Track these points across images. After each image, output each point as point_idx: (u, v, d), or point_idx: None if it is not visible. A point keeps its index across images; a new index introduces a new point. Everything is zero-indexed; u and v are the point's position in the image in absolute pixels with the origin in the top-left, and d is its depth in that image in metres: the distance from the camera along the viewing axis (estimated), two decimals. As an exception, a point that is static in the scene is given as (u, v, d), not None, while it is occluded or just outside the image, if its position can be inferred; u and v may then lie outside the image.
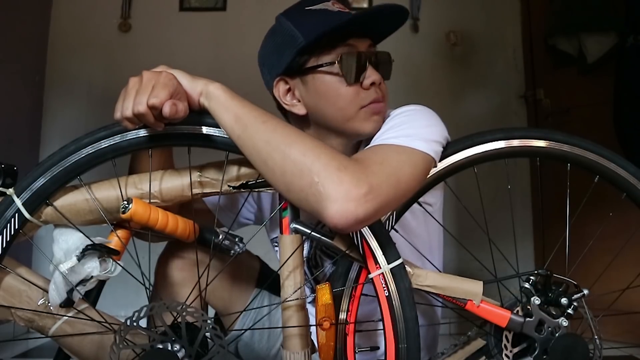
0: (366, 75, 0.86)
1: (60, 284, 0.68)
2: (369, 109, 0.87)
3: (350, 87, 0.86)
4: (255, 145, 0.66)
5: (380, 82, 0.88)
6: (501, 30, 2.65)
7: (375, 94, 0.87)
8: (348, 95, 0.86)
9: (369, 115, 0.87)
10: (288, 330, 0.70)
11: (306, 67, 0.87)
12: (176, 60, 2.50)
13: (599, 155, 0.85)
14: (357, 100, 0.87)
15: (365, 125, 0.88)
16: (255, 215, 1.13)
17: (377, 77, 0.87)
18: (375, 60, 0.88)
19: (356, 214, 0.62)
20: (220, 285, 1.01)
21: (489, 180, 2.22)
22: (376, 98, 0.87)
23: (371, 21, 0.88)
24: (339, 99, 0.87)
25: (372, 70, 0.87)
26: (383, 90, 0.90)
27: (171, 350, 0.64)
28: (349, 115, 0.87)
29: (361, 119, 0.87)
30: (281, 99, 0.92)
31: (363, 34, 0.89)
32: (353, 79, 0.86)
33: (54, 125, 2.49)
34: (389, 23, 0.90)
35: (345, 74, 0.86)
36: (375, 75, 0.87)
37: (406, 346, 0.71)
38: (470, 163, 0.83)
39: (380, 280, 0.72)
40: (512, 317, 0.77)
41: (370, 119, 0.88)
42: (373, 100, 0.87)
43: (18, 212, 0.68)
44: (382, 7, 0.86)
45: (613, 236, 1.10)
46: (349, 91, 0.86)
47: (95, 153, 0.69)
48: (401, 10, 0.87)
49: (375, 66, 0.88)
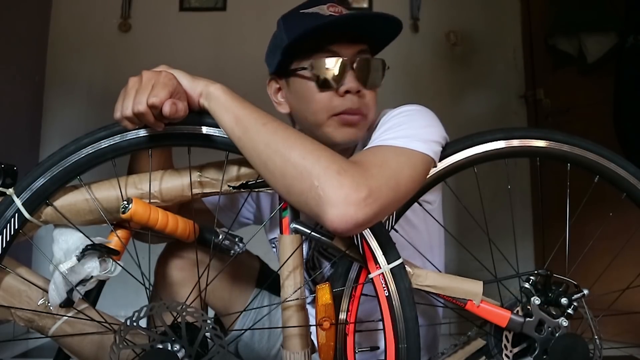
0: (344, 82, 0.85)
1: (60, 284, 0.68)
2: (339, 118, 0.86)
3: (324, 93, 0.85)
4: (256, 147, 0.66)
5: (358, 91, 0.85)
6: (501, 30, 2.65)
7: (349, 103, 0.85)
8: (320, 101, 0.86)
9: (339, 125, 0.86)
10: (288, 330, 0.70)
11: (289, 68, 0.88)
12: (176, 60, 2.49)
13: (599, 155, 0.85)
14: (328, 107, 0.85)
15: (335, 134, 0.86)
16: (254, 215, 1.13)
17: (354, 85, 0.85)
18: (359, 67, 0.85)
19: (356, 218, 0.62)
20: (220, 286, 1.01)
21: (489, 180, 2.22)
22: (349, 109, 0.85)
23: (353, 26, 0.86)
24: (312, 103, 0.87)
25: (350, 78, 0.85)
26: (365, 99, 0.87)
27: (171, 350, 0.64)
28: (319, 121, 0.87)
29: (331, 127, 0.86)
30: (272, 97, 0.96)
31: (352, 40, 0.86)
32: (325, 84, 0.85)
33: (54, 125, 2.49)
34: (377, 29, 0.87)
35: (316, 78, 0.85)
36: (352, 83, 0.85)
37: (406, 346, 0.71)
38: (470, 163, 0.83)
39: (380, 280, 0.72)
40: (512, 317, 0.77)
41: (340, 129, 0.86)
42: (345, 110, 0.85)
43: (18, 212, 0.68)
44: (364, 13, 0.86)
45: (613, 236, 1.10)
46: (321, 97, 0.85)
47: (95, 153, 0.69)
48: (387, 17, 0.85)
49: (359, 73, 0.85)
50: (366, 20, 0.86)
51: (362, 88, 0.86)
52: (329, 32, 0.85)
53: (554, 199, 2.22)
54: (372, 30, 0.87)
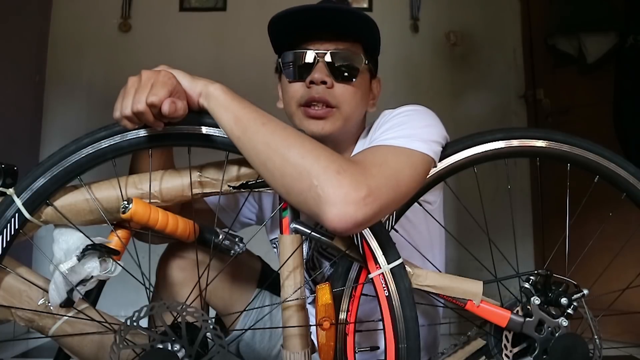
0: (312, 74, 0.88)
1: (60, 284, 0.68)
2: (304, 110, 0.90)
3: (294, 84, 0.91)
4: (255, 147, 0.66)
5: (324, 82, 0.88)
6: (501, 30, 2.65)
7: (313, 93, 0.88)
8: (290, 92, 0.92)
9: (304, 117, 0.90)
10: (288, 330, 0.70)
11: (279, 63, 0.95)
12: (176, 60, 2.50)
13: (599, 155, 0.85)
14: (296, 98, 0.91)
15: (303, 125, 0.90)
16: (256, 215, 1.13)
17: (318, 76, 0.88)
18: (331, 60, 0.88)
19: (355, 217, 0.62)
20: (221, 286, 1.01)
21: (489, 180, 2.23)
22: (311, 98, 0.88)
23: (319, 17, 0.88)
24: (285, 95, 0.94)
25: (316, 69, 0.88)
26: (335, 92, 0.89)
27: (171, 350, 0.64)
28: (291, 111, 0.93)
29: (298, 118, 0.91)
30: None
31: (332, 37, 0.90)
32: (294, 75, 0.91)
33: (54, 125, 2.49)
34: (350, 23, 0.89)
35: (284, 69, 0.92)
36: (316, 73, 0.88)
37: (406, 346, 0.71)
38: (470, 163, 0.83)
39: (380, 280, 0.72)
40: (512, 317, 0.77)
41: (306, 120, 0.89)
42: (308, 100, 0.88)
43: (18, 212, 0.68)
44: (324, 5, 0.88)
45: (613, 236, 1.10)
46: (292, 87, 0.91)
47: (95, 153, 0.69)
48: (347, 9, 0.88)
49: (330, 66, 0.88)
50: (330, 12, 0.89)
51: (330, 80, 0.88)
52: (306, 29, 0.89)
53: (553, 199, 2.23)
54: (345, 24, 0.89)
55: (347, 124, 0.91)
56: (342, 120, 0.90)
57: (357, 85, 0.91)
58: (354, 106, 0.91)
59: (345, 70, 0.89)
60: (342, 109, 0.90)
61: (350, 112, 0.91)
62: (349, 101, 0.90)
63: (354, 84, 0.90)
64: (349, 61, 0.90)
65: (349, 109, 0.90)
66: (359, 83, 0.91)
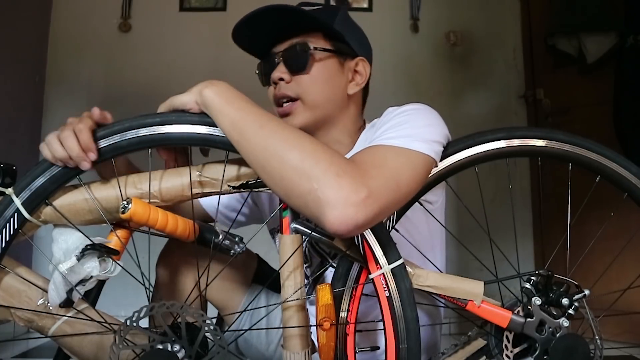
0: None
1: (59, 284, 0.68)
2: (276, 110, 0.95)
3: (269, 89, 0.97)
4: (253, 150, 0.66)
5: (280, 79, 0.92)
6: (501, 30, 2.66)
7: (276, 91, 0.93)
8: (269, 97, 0.97)
9: (278, 116, 0.93)
10: (288, 331, 0.70)
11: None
12: (176, 60, 2.53)
13: (601, 155, 0.85)
14: (271, 101, 0.96)
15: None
16: (248, 215, 1.13)
17: (275, 75, 0.93)
18: (284, 58, 0.92)
19: (356, 219, 0.62)
20: (216, 283, 1.00)
21: (490, 180, 2.23)
22: (275, 97, 0.94)
23: (258, 25, 0.93)
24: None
25: (276, 70, 0.93)
26: (295, 84, 0.92)
27: (171, 351, 0.64)
28: (273, 112, 0.95)
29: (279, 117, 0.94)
30: None
31: (285, 37, 0.94)
32: (264, 82, 0.98)
33: (54, 125, 2.45)
34: (289, 18, 0.91)
35: (259, 78, 0.99)
36: (275, 73, 0.93)
37: (407, 346, 0.71)
38: (471, 162, 0.83)
39: (381, 280, 0.72)
40: (512, 318, 0.77)
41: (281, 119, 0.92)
42: (274, 100, 0.95)
43: (17, 212, 0.68)
44: (261, 9, 0.90)
45: (614, 236, 1.10)
46: (269, 93, 0.97)
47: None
48: (283, 7, 0.89)
49: (285, 63, 0.92)
50: (273, 13, 0.90)
51: (287, 75, 0.92)
52: (262, 36, 0.95)
53: (554, 199, 2.23)
54: (291, 19, 0.92)
55: (316, 112, 0.93)
56: (308, 110, 0.92)
57: (314, 72, 0.92)
58: (317, 93, 0.92)
59: (296, 62, 0.92)
60: (304, 99, 0.92)
61: (313, 99, 0.92)
62: (308, 90, 0.92)
63: (309, 72, 0.92)
64: (300, 52, 0.92)
65: (311, 97, 0.92)
66: (317, 69, 0.92)
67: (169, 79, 2.44)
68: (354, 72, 0.97)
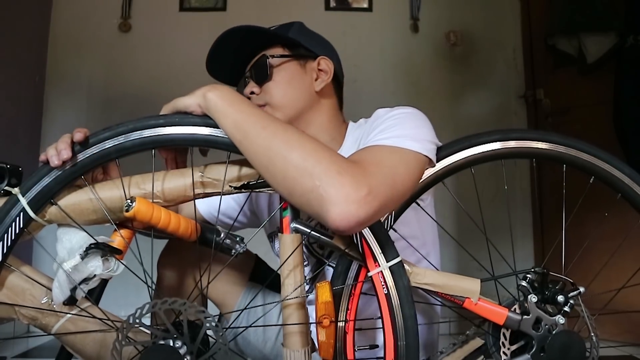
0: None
1: (63, 282, 0.69)
2: None
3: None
4: (256, 151, 0.68)
5: (252, 93, 0.98)
6: (501, 30, 2.66)
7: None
8: None
9: None
10: (288, 328, 0.71)
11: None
12: (176, 60, 2.53)
13: (594, 157, 0.86)
14: None
15: None
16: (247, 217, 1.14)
17: (247, 90, 0.99)
18: (251, 74, 0.99)
19: (357, 216, 0.63)
20: (214, 281, 1.02)
21: (490, 180, 2.24)
22: None
23: (224, 53, 0.98)
24: None
25: (246, 87, 0.99)
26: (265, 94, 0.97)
27: (173, 347, 0.65)
28: None
29: None
30: None
31: (251, 56, 1.00)
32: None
33: (54, 125, 2.49)
34: (247, 38, 0.98)
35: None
36: (246, 89, 0.99)
37: (405, 343, 0.72)
38: (467, 164, 0.84)
39: (380, 278, 0.73)
40: (509, 315, 0.78)
41: None
42: None
43: (23, 211, 0.69)
44: (223, 35, 0.95)
45: (614, 236, 1.11)
46: None
47: (99, 153, 0.70)
48: (237, 29, 0.95)
49: (252, 79, 0.99)
50: (232, 36, 0.97)
51: (256, 88, 0.98)
52: (232, 63, 1.01)
53: (554, 199, 2.23)
54: (248, 38, 0.98)
55: (286, 111, 0.97)
56: (277, 111, 0.96)
57: (276, 78, 0.98)
58: (281, 95, 0.97)
59: (260, 73, 0.98)
60: (271, 103, 0.97)
61: (279, 101, 0.97)
62: (273, 93, 0.97)
63: (272, 78, 0.98)
64: (261, 64, 0.98)
65: (276, 100, 0.97)
66: (279, 75, 0.98)
67: (169, 79, 2.45)
68: (318, 70, 1.01)
